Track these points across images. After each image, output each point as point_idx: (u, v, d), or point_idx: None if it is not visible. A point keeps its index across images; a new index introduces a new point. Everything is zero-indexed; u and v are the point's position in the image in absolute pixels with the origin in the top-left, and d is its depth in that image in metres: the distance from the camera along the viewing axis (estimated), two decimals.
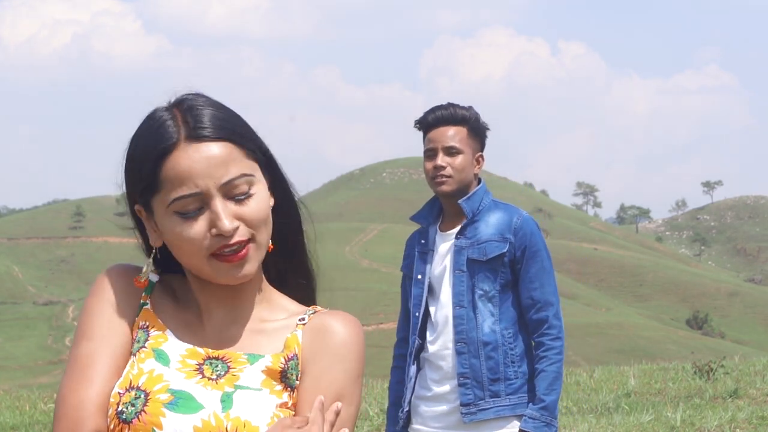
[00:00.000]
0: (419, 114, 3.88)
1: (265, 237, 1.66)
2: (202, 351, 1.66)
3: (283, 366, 1.65)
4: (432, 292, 3.82)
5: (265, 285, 1.74)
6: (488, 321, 3.70)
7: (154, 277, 1.73)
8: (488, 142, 3.90)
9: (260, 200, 1.64)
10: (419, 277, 3.84)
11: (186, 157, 1.61)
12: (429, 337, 3.80)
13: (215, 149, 1.61)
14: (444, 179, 3.76)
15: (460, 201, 3.76)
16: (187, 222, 1.61)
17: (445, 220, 3.86)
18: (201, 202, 1.61)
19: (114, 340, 1.65)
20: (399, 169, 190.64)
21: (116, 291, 1.69)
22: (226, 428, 1.58)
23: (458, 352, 3.71)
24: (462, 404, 3.70)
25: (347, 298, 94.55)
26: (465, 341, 3.70)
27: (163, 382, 1.61)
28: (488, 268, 3.72)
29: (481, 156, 3.84)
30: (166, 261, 1.73)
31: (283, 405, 1.63)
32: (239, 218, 1.62)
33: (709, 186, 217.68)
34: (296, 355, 1.66)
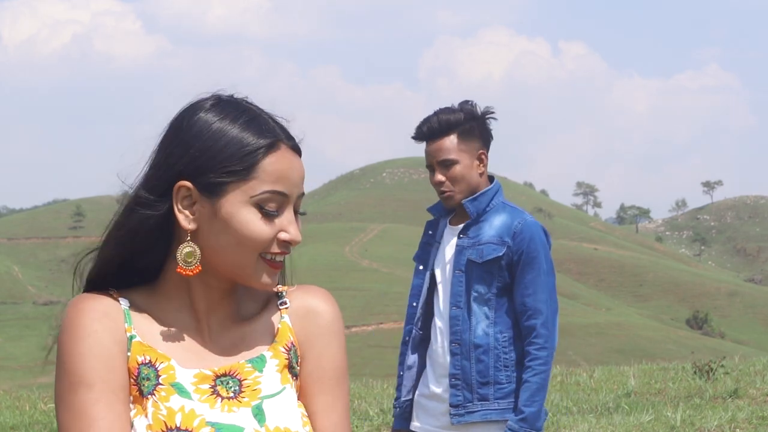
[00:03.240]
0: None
1: None
2: (209, 372, 1.62)
3: (287, 357, 1.66)
4: (434, 285, 3.81)
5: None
6: (482, 324, 3.67)
7: (125, 302, 1.66)
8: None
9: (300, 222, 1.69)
10: (421, 267, 3.83)
11: (287, 159, 1.64)
12: (432, 334, 3.80)
13: (300, 163, 1.67)
14: (447, 193, 3.74)
15: (464, 201, 3.73)
16: (263, 218, 1.61)
17: (456, 214, 3.82)
18: (279, 205, 1.63)
19: (115, 384, 1.58)
20: (399, 169, 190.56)
21: (101, 328, 1.61)
22: None
23: (452, 353, 3.70)
24: (451, 405, 3.70)
25: (347, 298, 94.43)
26: (459, 342, 3.69)
27: (198, 416, 1.58)
28: (484, 271, 3.68)
29: (484, 153, 3.76)
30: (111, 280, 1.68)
31: (297, 396, 1.66)
32: None
33: (709, 186, 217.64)
34: (293, 343, 1.68)
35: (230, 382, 1.62)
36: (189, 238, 1.62)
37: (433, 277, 3.81)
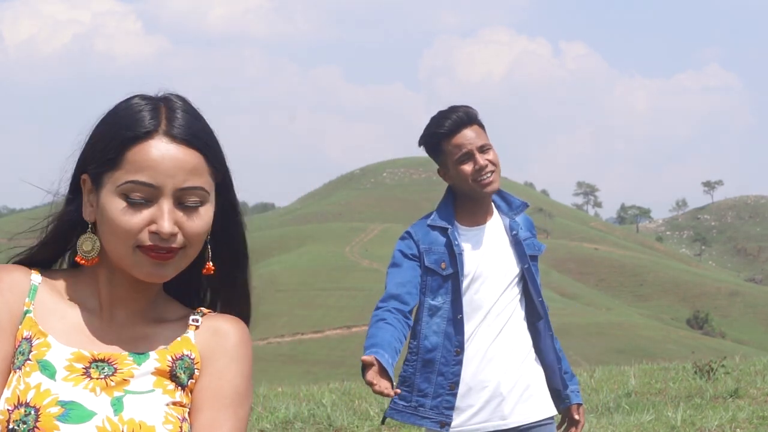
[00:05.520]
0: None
1: (194, 252, 1.68)
2: (87, 354, 1.66)
3: (170, 365, 1.68)
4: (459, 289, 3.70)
5: (160, 288, 1.76)
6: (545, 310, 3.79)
7: (37, 278, 1.71)
8: None
9: (205, 219, 1.67)
10: (451, 271, 3.69)
11: (158, 149, 1.64)
12: (491, 333, 3.67)
13: (186, 155, 1.65)
14: (490, 178, 3.67)
15: (512, 197, 3.81)
16: (129, 208, 1.63)
17: (463, 215, 3.76)
18: (150, 196, 1.63)
19: None
20: (399, 169, 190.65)
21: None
22: (122, 431, 1.61)
23: (554, 339, 3.77)
24: (554, 389, 3.75)
25: (347, 298, 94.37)
26: (551, 331, 3.77)
27: (51, 396, 1.61)
28: (537, 262, 3.78)
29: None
30: (48, 259, 1.76)
31: (177, 403, 1.67)
32: (180, 227, 1.64)
33: (709, 186, 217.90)
34: (186, 356, 1.70)
35: (105, 368, 1.65)
36: (90, 229, 1.68)
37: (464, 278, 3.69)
